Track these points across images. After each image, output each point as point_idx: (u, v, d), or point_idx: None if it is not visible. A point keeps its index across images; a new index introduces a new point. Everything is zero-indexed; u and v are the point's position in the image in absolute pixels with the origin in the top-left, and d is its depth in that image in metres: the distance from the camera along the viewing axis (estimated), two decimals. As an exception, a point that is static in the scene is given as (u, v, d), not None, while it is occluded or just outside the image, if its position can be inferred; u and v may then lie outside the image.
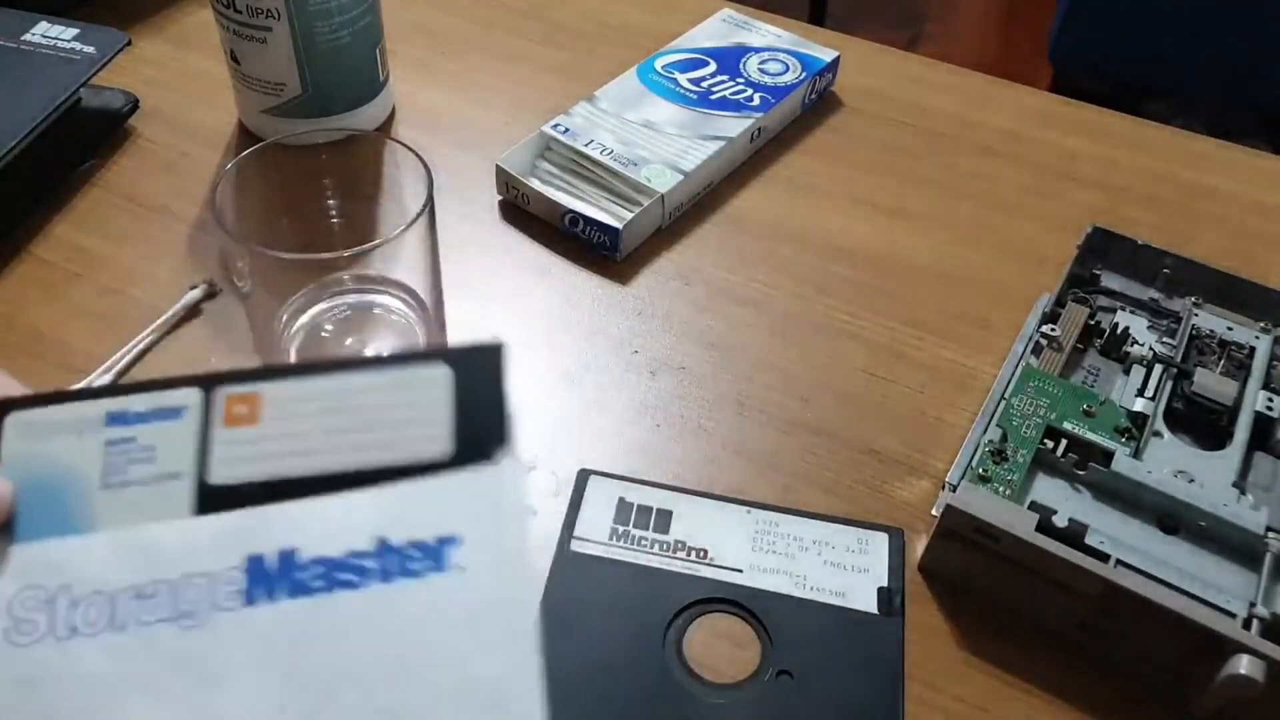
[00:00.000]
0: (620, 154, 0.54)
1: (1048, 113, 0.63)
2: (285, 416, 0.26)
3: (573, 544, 0.38)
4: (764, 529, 0.40)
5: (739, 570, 0.38)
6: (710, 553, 0.39)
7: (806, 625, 0.37)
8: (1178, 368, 0.43)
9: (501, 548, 0.24)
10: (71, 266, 0.50)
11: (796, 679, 0.35)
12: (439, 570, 0.24)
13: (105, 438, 0.26)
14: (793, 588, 0.38)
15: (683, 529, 0.40)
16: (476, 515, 0.25)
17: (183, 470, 0.25)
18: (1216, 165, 0.59)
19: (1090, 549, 0.36)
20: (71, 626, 0.24)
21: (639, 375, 0.46)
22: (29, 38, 0.55)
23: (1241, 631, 0.34)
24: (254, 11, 0.51)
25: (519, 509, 0.25)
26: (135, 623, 0.24)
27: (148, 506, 0.25)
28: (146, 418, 0.26)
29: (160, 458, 0.25)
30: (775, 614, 0.37)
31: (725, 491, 0.42)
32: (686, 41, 0.62)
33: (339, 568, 0.24)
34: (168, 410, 0.26)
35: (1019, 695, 0.36)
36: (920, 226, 0.55)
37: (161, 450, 0.25)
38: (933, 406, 0.46)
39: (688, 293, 0.50)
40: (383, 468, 0.25)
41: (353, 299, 0.46)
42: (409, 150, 0.42)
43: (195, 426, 0.26)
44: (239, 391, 0.26)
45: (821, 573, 0.38)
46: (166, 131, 0.58)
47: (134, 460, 0.25)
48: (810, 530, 0.40)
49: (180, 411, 0.26)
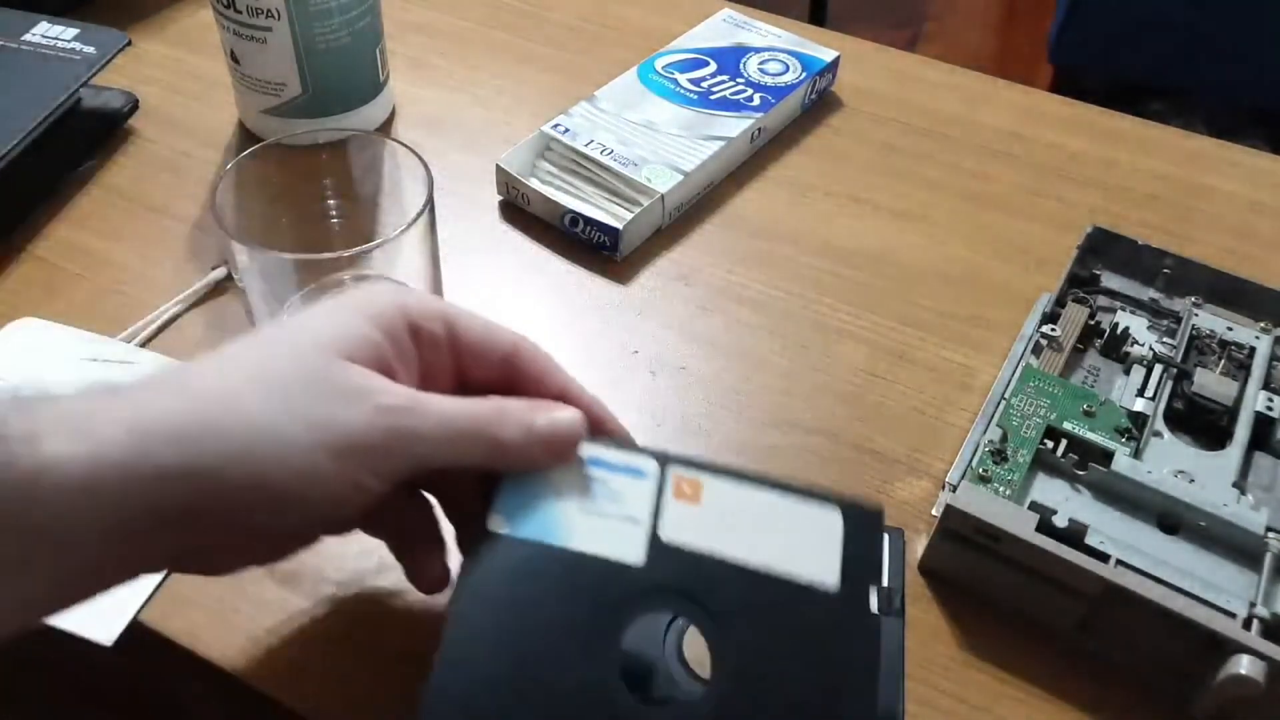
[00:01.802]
0: (620, 154, 0.53)
1: (1048, 113, 0.63)
2: (719, 506, 0.32)
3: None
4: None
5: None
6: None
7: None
8: (1178, 368, 0.43)
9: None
10: (71, 266, 0.50)
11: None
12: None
13: (586, 474, 0.32)
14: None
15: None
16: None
17: (641, 519, 0.31)
18: (1216, 165, 0.59)
19: (1090, 549, 0.36)
20: None
21: (639, 375, 0.46)
22: (29, 38, 0.55)
23: (1241, 631, 0.34)
24: (254, 11, 0.51)
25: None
26: None
27: (612, 539, 0.31)
28: (617, 469, 0.32)
29: (626, 503, 0.32)
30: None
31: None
32: (686, 41, 0.62)
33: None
34: (634, 469, 0.32)
35: (1019, 695, 0.36)
36: (920, 226, 0.55)
37: (627, 498, 0.32)
38: (933, 406, 0.46)
39: (688, 293, 0.50)
40: (779, 576, 0.30)
41: (353, 299, 0.45)
42: (409, 150, 0.42)
43: (653, 489, 0.32)
44: (686, 475, 0.32)
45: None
46: (166, 131, 0.58)
47: (605, 498, 0.32)
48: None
49: (643, 473, 0.32)
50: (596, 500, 0.31)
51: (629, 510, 0.31)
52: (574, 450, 0.32)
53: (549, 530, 0.31)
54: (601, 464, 0.32)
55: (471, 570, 0.30)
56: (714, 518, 0.31)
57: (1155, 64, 1.62)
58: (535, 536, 0.30)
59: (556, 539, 0.30)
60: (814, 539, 0.31)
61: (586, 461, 0.32)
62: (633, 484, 0.32)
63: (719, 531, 0.31)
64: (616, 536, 0.31)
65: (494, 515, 0.31)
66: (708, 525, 0.31)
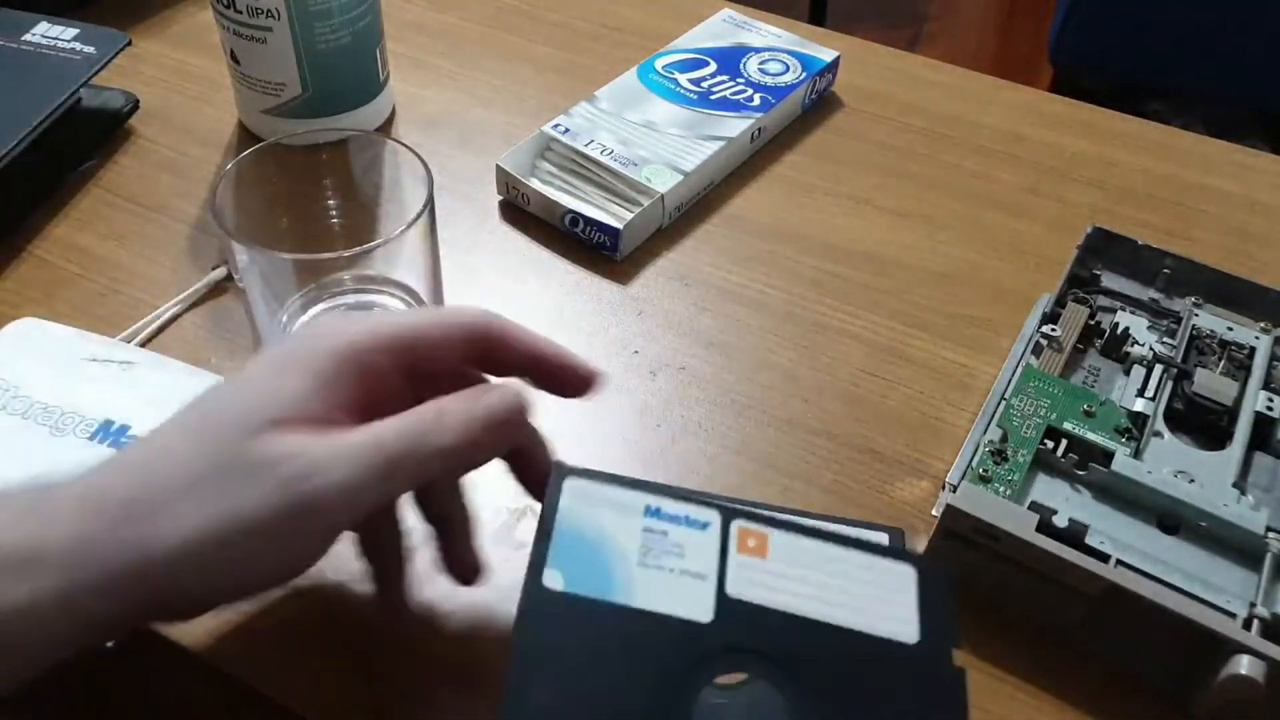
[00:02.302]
0: (620, 154, 0.53)
1: (1048, 113, 0.63)
2: (786, 560, 0.31)
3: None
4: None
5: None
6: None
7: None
8: (1178, 368, 0.43)
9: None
10: (71, 266, 0.50)
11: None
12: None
13: (644, 525, 0.30)
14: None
15: None
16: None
17: (707, 574, 0.30)
18: (1216, 165, 0.59)
19: (1090, 549, 0.36)
20: None
21: (639, 375, 0.46)
22: (29, 38, 0.55)
23: (1241, 631, 0.34)
24: (254, 11, 0.51)
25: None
26: None
27: (677, 595, 0.29)
28: (678, 520, 0.31)
29: (688, 557, 0.30)
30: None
31: (723, 491, 0.42)
32: (686, 41, 0.62)
33: None
34: (695, 520, 0.31)
35: (1019, 695, 0.36)
36: (920, 226, 0.55)
37: (689, 551, 0.30)
38: (933, 406, 0.46)
39: (688, 293, 0.50)
40: (856, 631, 0.29)
41: (352, 299, 0.45)
42: (409, 150, 0.42)
43: (717, 542, 0.30)
44: (751, 528, 0.31)
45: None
46: (166, 131, 0.58)
47: (666, 551, 0.30)
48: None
49: (706, 525, 0.31)
50: (658, 554, 0.30)
51: (693, 565, 0.30)
52: (523, 425, 0.33)
53: (610, 587, 0.29)
54: (661, 515, 0.31)
55: (528, 631, 0.28)
56: (783, 571, 0.30)
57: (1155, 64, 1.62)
58: (596, 594, 0.29)
59: (619, 596, 0.29)
60: (886, 594, 0.30)
61: (645, 512, 0.31)
62: (695, 536, 0.30)
63: (789, 586, 0.30)
64: (682, 593, 0.29)
65: (549, 570, 0.29)
66: (777, 580, 0.30)
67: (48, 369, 0.44)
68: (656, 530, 0.30)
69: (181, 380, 0.44)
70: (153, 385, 0.44)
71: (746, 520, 0.31)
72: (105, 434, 0.42)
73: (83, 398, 0.43)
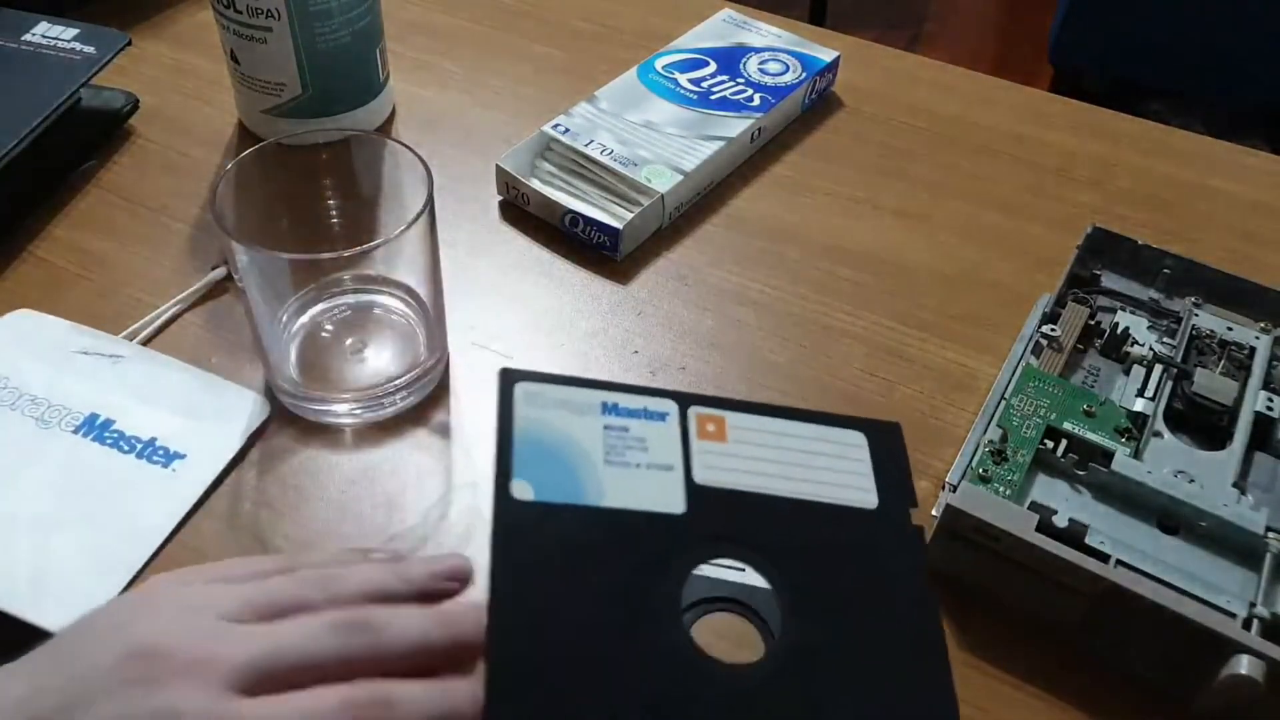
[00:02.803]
0: (620, 154, 0.53)
1: (1048, 113, 0.63)
2: (745, 442, 0.31)
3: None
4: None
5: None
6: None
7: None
8: (1178, 368, 0.43)
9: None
10: (71, 266, 0.50)
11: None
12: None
13: (603, 423, 0.30)
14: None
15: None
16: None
17: (673, 464, 0.30)
18: (1216, 165, 0.59)
19: (1090, 549, 0.36)
20: None
21: (639, 375, 0.46)
22: (29, 38, 0.55)
23: (1241, 631, 0.34)
24: (254, 11, 0.51)
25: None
26: None
27: (647, 490, 0.29)
28: (636, 414, 0.30)
29: (652, 450, 0.30)
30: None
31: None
32: (686, 41, 0.62)
33: None
34: (654, 413, 0.30)
35: (1019, 695, 0.36)
36: (920, 226, 0.55)
37: (652, 444, 0.30)
38: (933, 407, 0.46)
39: (687, 293, 0.50)
40: (821, 503, 0.30)
41: (352, 299, 0.46)
42: (409, 150, 0.42)
43: (678, 431, 0.30)
44: (708, 413, 0.31)
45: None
46: (166, 131, 0.58)
47: (630, 447, 0.30)
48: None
49: (664, 416, 0.31)
50: (622, 451, 0.29)
51: (658, 457, 0.30)
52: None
53: (580, 490, 0.28)
54: (619, 411, 0.30)
55: (504, 547, 0.27)
56: (744, 454, 0.30)
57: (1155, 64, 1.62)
58: (567, 499, 0.28)
59: (590, 498, 0.28)
60: (843, 463, 0.31)
61: (602, 409, 0.30)
62: (655, 429, 0.30)
63: (753, 467, 0.30)
64: (652, 487, 0.29)
65: (517, 481, 0.28)
66: (740, 463, 0.30)
67: (39, 361, 0.44)
68: (616, 427, 0.30)
69: (170, 375, 0.44)
70: (141, 380, 0.44)
71: (703, 406, 0.31)
72: (90, 428, 0.42)
73: (71, 391, 0.43)
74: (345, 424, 0.43)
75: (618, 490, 0.29)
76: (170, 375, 0.44)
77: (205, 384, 0.44)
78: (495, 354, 0.47)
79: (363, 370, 0.44)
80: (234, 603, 0.29)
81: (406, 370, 0.43)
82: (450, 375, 0.46)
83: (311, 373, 0.44)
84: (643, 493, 0.29)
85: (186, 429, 0.42)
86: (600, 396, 0.30)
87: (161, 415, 0.42)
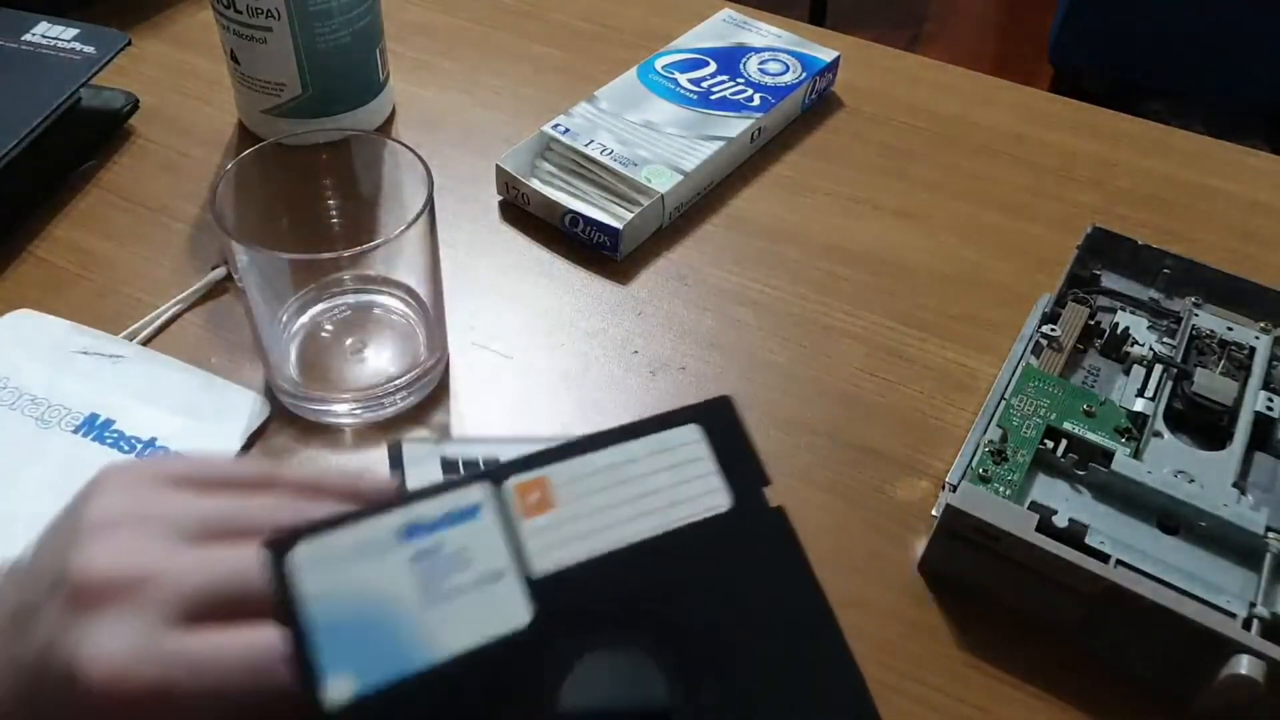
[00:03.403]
0: (620, 154, 0.53)
1: (1048, 113, 0.63)
2: (576, 497, 0.26)
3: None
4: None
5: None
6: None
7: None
8: (1178, 368, 0.43)
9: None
10: (71, 266, 0.50)
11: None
12: None
13: (409, 552, 0.24)
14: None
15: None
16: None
17: (503, 568, 0.25)
18: (1216, 165, 0.59)
19: (1090, 549, 0.36)
20: None
21: (639, 375, 0.46)
22: (29, 38, 0.55)
23: (1241, 631, 0.34)
24: (254, 11, 0.51)
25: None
26: None
27: (481, 615, 0.24)
28: (443, 523, 0.25)
29: (475, 560, 0.25)
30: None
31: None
32: (686, 41, 0.62)
33: None
34: (464, 511, 0.25)
35: (1019, 695, 0.36)
36: (920, 226, 0.55)
37: (474, 552, 0.25)
38: (933, 406, 0.46)
39: (687, 293, 0.50)
40: (676, 529, 0.26)
41: (353, 299, 0.46)
42: (409, 150, 0.42)
43: (497, 522, 0.25)
44: (527, 479, 0.26)
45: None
46: (166, 131, 0.58)
47: (448, 570, 0.24)
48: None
49: (475, 510, 0.25)
50: (440, 579, 0.24)
51: (484, 566, 0.25)
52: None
53: (407, 655, 0.23)
54: (421, 529, 0.25)
55: None
56: (579, 513, 0.26)
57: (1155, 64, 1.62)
58: (394, 673, 0.23)
59: (421, 658, 0.23)
60: (686, 468, 0.27)
61: (401, 535, 0.25)
62: (471, 531, 0.25)
63: (591, 524, 0.26)
64: (486, 608, 0.24)
65: (330, 680, 0.23)
66: (576, 526, 0.26)
67: (38, 361, 0.44)
68: (425, 551, 0.25)
69: (170, 375, 0.44)
70: (141, 380, 0.44)
71: (519, 473, 0.26)
72: (90, 427, 0.42)
73: (71, 390, 0.43)
74: (345, 424, 0.43)
75: (446, 634, 0.24)
76: (170, 375, 0.44)
77: (205, 384, 0.44)
78: (495, 354, 0.47)
79: (363, 370, 0.44)
80: (188, 519, 0.27)
81: (406, 370, 0.43)
82: (450, 375, 0.46)
83: (311, 373, 0.44)
84: (477, 621, 0.24)
85: (187, 429, 0.42)
86: (394, 522, 0.25)
87: (162, 415, 0.42)
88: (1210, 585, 0.36)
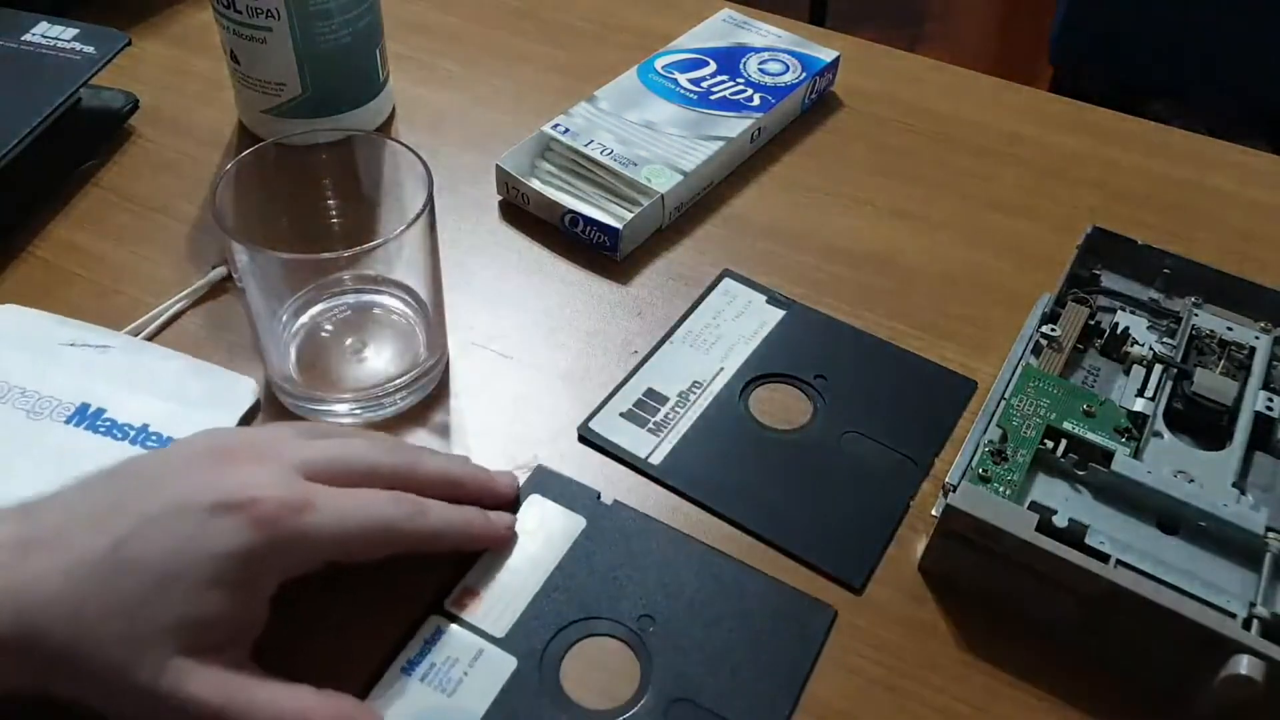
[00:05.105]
0: (620, 154, 0.53)
1: (1048, 113, 0.63)
2: (486, 584, 0.38)
3: None
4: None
5: None
6: None
7: None
8: (1178, 368, 0.43)
9: None
10: (71, 266, 0.50)
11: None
12: None
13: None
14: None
15: None
16: None
17: (471, 710, 0.34)
18: (1216, 165, 0.59)
19: (1090, 549, 0.36)
20: None
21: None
22: (29, 38, 0.55)
23: (1241, 631, 0.34)
24: (254, 11, 0.51)
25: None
26: None
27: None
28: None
29: (455, 703, 0.34)
30: None
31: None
32: (686, 41, 0.62)
33: None
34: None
35: (1019, 695, 0.36)
36: (920, 226, 0.55)
37: (470, 678, 0.35)
38: (933, 406, 0.46)
39: (687, 293, 0.50)
40: (552, 569, 0.39)
41: (353, 299, 0.46)
42: (409, 150, 0.42)
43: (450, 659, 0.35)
44: (458, 598, 0.38)
45: None
46: (166, 131, 0.58)
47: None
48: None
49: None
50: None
51: (457, 705, 0.34)
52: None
53: None
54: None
55: None
56: (494, 598, 0.37)
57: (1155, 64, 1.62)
58: None
59: None
60: (543, 509, 0.39)
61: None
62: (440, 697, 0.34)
63: (504, 605, 0.36)
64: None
65: None
66: (496, 607, 0.36)
67: (25, 353, 0.44)
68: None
69: (159, 362, 0.44)
70: (130, 368, 0.44)
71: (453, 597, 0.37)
72: (82, 417, 0.42)
73: (60, 381, 0.43)
74: (345, 424, 0.43)
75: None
76: (159, 363, 0.44)
77: (194, 370, 0.44)
78: (495, 354, 0.47)
79: (362, 370, 0.44)
80: (310, 452, 0.35)
81: (406, 370, 0.43)
82: (450, 375, 0.46)
83: (311, 373, 0.44)
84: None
85: (179, 414, 0.42)
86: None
87: (153, 402, 0.42)
88: (1210, 585, 0.36)
